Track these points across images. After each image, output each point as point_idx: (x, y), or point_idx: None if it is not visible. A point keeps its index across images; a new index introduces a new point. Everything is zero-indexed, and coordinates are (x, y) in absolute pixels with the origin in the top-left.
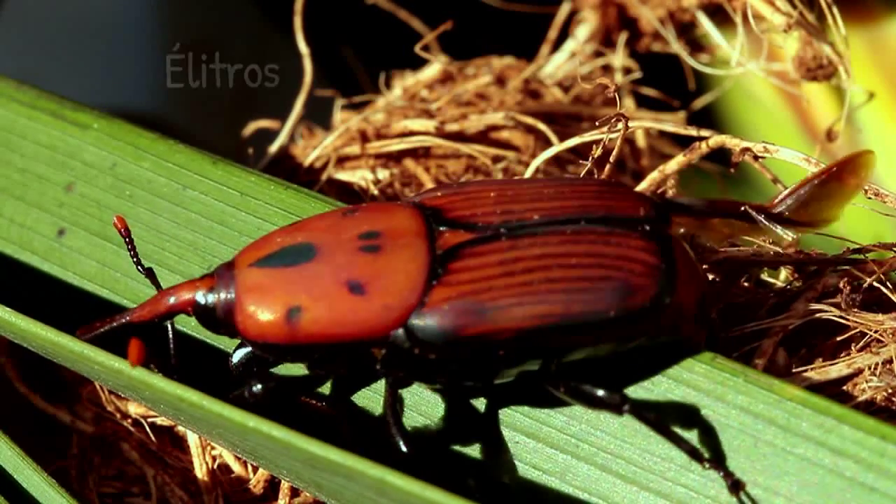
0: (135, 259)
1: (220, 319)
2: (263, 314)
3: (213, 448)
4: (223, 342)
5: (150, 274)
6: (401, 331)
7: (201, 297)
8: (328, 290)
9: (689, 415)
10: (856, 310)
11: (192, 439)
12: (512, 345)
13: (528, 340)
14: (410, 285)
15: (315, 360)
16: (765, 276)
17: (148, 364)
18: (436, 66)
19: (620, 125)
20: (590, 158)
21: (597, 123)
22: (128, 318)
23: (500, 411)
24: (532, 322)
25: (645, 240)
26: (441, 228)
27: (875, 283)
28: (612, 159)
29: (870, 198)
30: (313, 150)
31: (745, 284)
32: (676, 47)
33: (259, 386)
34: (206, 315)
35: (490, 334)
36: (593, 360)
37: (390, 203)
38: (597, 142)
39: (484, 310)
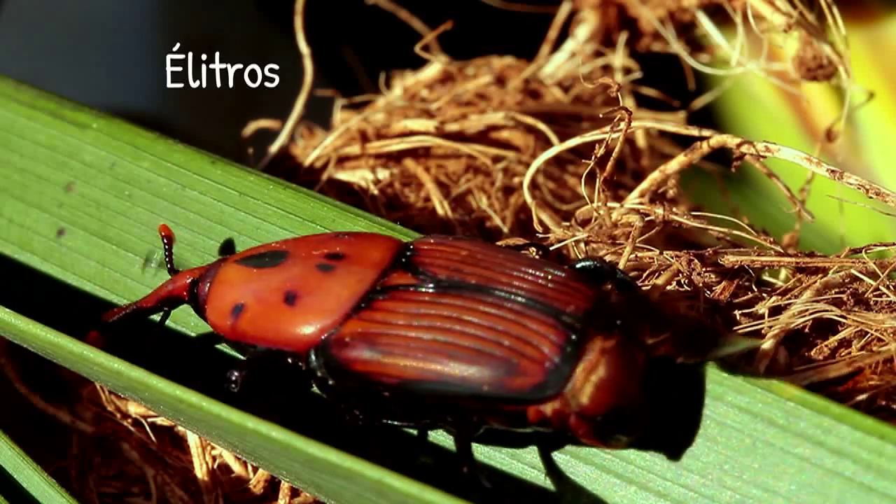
0: (169, 266)
1: (200, 305)
2: (217, 305)
3: (213, 448)
4: (224, 346)
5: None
6: (313, 351)
7: (192, 282)
8: (268, 296)
9: (687, 414)
10: (856, 309)
11: (192, 439)
12: (396, 390)
13: (409, 391)
14: (334, 309)
15: (266, 361)
16: (765, 276)
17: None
18: (436, 66)
19: (623, 124)
20: (592, 158)
21: (601, 116)
22: (138, 304)
23: None
24: (411, 374)
25: (556, 329)
26: (396, 268)
27: (875, 283)
28: (613, 157)
29: (870, 198)
30: (313, 150)
31: (746, 284)
32: (676, 47)
33: (236, 374)
34: (192, 300)
35: (375, 374)
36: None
37: (381, 236)
38: (598, 141)
39: (375, 351)
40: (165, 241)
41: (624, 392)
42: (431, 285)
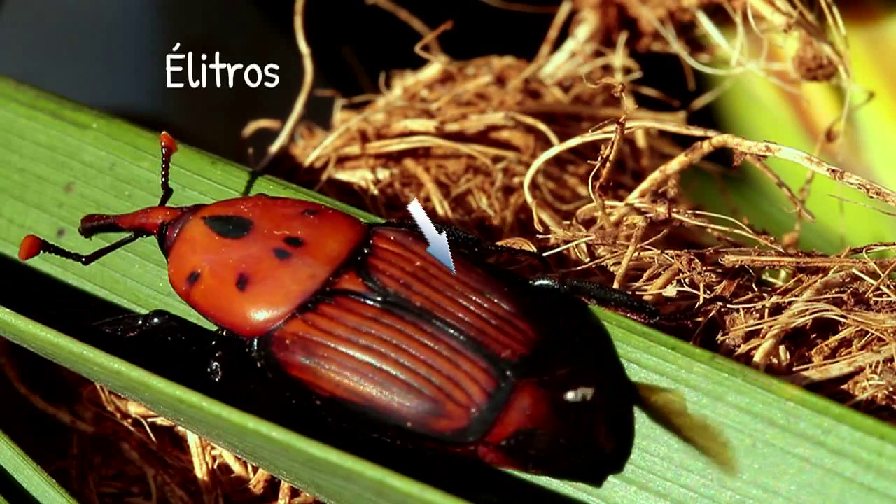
0: (164, 178)
1: (164, 252)
2: (177, 265)
3: (213, 448)
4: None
5: (167, 194)
6: (256, 340)
7: (163, 224)
8: (223, 273)
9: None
10: (856, 309)
11: (192, 439)
12: (326, 401)
13: (339, 406)
14: (281, 303)
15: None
16: (765, 276)
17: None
18: (436, 66)
19: (614, 126)
20: (599, 159)
21: (598, 122)
22: (115, 220)
23: None
24: (341, 394)
25: (487, 374)
26: (349, 268)
27: (875, 282)
28: (611, 159)
29: (871, 197)
30: (313, 150)
31: (746, 284)
32: (676, 47)
33: (216, 364)
34: (160, 241)
35: (308, 383)
36: None
37: (345, 220)
38: (600, 142)
39: (311, 361)
40: (164, 150)
41: (546, 444)
42: (378, 299)
